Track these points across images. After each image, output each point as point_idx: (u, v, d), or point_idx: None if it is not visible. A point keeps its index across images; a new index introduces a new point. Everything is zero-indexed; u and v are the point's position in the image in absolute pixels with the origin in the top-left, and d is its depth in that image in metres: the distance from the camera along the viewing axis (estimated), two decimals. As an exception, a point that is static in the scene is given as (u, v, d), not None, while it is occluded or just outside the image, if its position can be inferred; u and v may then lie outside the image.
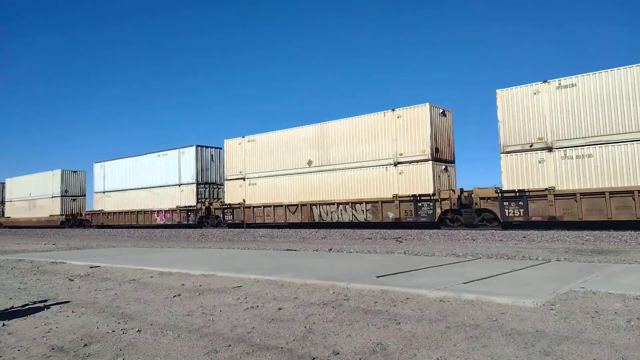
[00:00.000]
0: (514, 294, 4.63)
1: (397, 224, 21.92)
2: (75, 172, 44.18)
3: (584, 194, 16.59)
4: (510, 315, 3.96)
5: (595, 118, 16.77)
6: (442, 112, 22.10)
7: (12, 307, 5.19)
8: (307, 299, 4.99)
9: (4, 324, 4.36)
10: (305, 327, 3.88)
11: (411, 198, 21.16)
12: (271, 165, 26.94)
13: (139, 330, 3.97)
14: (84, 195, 44.44)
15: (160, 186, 33.99)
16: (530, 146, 17.91)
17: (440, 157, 21.61)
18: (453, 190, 20.61)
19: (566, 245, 11.09)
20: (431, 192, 20.65)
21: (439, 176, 21.30)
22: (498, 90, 18.91)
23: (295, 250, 11.48)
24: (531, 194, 17.76)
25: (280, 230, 23.79)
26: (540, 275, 6.00)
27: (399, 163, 21.84)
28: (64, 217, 41.87)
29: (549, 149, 17.55)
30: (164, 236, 22.21)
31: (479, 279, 5.69)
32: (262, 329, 3.85)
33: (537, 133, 17.86)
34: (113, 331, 3.98)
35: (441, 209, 20.30)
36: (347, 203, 23.41)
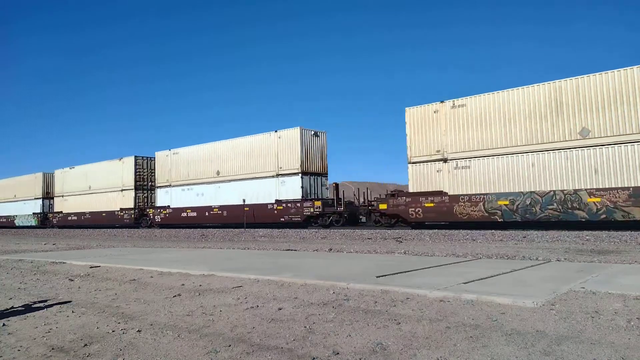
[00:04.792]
0: (514, 294, 4.63)
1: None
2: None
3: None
4: (511, 315, 3.96)
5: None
6: None
7: (12, 307, 5.19)
8: (307, 299, 4.98)
9: (4, 324, 4.36)
10: (305, 327, 3.88)
11: None
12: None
13: (139, 330, 3.97)
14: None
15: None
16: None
17: None
18: None
19: (566, 245, 11.09)
20: None
21: None
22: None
23: (295, 250, 11.47)
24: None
25: (280, 230, 23.76)
26: (540, 275, 6.00)
27: None
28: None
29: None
30: (164, 236, 22.20)
31: (479, 279, 5.69)
32: (262, 329, 3.85)
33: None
34: (113, 331, 3.98)
35: None
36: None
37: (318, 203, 24.59)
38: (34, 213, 44.55)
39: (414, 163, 20.91)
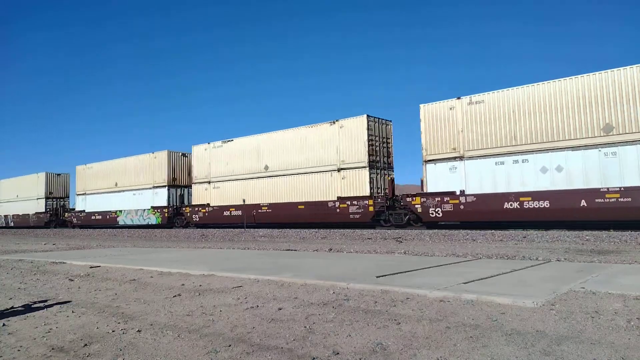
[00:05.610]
0: (514, 294, 4.63)
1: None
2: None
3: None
4: (511, 315, 3.96)
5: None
6: None
7: (12, 307, 5.19)
8: (307, 299, 4.98)
9: (4, 324, 4.36)
10: (305, 327, 3.88)
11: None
12: None
13: (139, 330, 3.97)
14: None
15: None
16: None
17: None
18: None
19: (566, 245, 11.08)
20: None
21: None
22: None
23: (295, 250, 11.47)
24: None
25: (280, 230, 23.76)
26: (540, 276, 6.00)
27: None
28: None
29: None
30: (164, 236, 22.19)
31: (479, 279, 5.69)
32: (262, 329, 3.85)
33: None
34: (113, 331, 3.98)
35: None
36: None
37: None
38: (153, 207, 31.29)
39: None
